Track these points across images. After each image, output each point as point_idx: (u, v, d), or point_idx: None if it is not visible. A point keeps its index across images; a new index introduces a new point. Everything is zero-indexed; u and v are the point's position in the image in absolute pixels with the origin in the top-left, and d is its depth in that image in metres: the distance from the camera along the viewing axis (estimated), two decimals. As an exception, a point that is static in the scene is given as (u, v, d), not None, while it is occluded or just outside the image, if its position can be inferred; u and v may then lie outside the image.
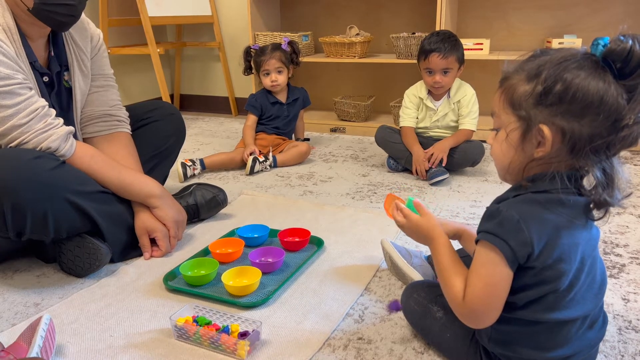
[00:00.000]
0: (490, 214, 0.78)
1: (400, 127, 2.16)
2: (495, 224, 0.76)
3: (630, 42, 0.69)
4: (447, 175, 2.00)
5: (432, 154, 2.01)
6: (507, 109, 0.79)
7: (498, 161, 0.84)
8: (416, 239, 0.98)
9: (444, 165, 2.01)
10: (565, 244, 0.75)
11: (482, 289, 0.78)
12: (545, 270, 0.76)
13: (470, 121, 2.08)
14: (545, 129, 0.73)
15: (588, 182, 0.76)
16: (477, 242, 0.81)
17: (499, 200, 0.82)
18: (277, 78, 2.35)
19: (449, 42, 1.99)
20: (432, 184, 1.99)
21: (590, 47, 0.74)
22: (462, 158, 2.05)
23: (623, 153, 2.32)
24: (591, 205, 0.77)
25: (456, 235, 1.05)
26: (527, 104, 0.75)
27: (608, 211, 0.77)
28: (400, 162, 2.13)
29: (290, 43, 2.42)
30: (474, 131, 2.09)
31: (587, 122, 0.71)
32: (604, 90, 0.70)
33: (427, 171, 2.02)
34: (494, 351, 0.86)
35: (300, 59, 2.45)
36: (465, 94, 2.09)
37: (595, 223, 0.81)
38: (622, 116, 0.70)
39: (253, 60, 2.41)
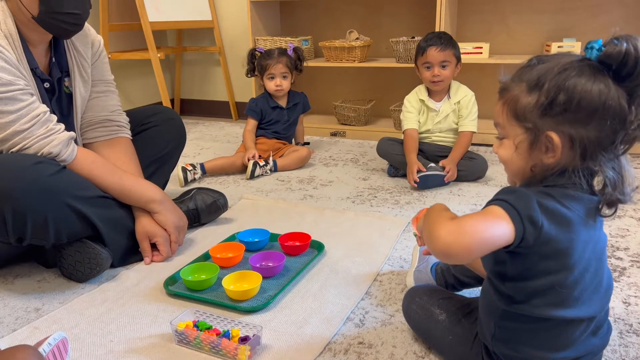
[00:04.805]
0: (509, 189, 0.77)
1: (404, 131, 2.14)
2: (513, 196, 0.73)
3: (625, 44, 0.69)
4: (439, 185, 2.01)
5: (448, 170, 1.98)
6: (512, 120, 0.79)
7: (508, 168, 0.84)
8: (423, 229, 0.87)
9: (451, 179, 2.00)
10: (573, 238, 0.75)
11: (478, 224, 0.71)
12: (550, 260, 0.75)
13: (471, 122, 2.08)
14: (555, 136, 0.73)
15: (597, 181, 0.76)
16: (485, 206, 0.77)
17: None
18: (281, 83, 2.35)
19: (445, 38, 2.05)
20: (421, 180, 1.95)
21: (584, 51, 0.75)
22: (468, 175, 2.06)
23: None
24: (600, 205, 0.77)
25: None
26: (533, 115, 0.75)
27: (617, 208, 0.78)
28: (400, 172, 2.14)
29: (296, 49, 2.43)
30: (474, 132, 2.10)
31: (594, 127, 0.72)
32: (606, 95, 0.71)
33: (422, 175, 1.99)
34: (496, 350, 0.86)
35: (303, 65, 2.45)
36: (465, 95, 2.10)
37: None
38: (626, 117, 0.71)
39: (257, 62, 2.41)
